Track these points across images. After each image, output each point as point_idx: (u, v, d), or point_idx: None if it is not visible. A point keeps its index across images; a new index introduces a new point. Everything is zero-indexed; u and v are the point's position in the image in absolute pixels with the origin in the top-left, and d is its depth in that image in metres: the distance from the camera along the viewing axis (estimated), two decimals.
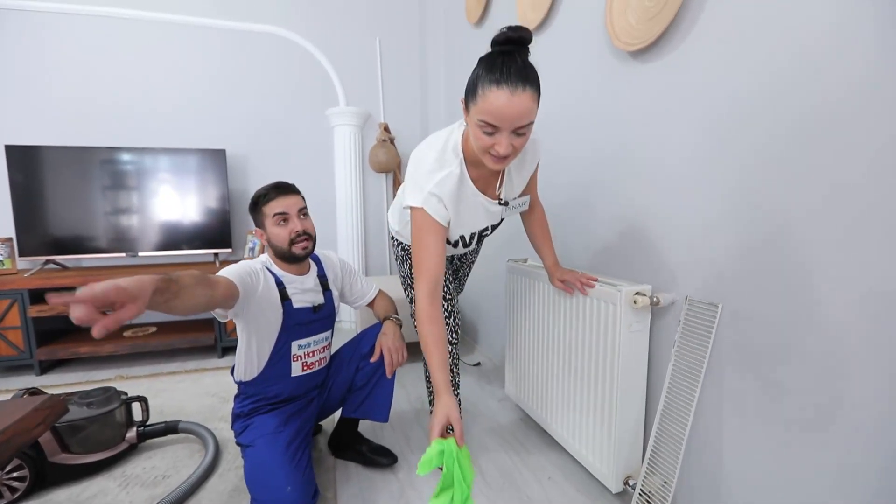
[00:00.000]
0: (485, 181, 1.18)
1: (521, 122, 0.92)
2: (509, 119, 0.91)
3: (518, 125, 0.93)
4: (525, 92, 0.90)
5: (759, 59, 0.92)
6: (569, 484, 1.35)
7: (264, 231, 1.29)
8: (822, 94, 0.81)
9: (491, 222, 1.28)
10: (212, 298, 1.02)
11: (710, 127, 1.03)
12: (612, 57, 1.35)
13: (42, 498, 1.30)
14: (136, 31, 2.58)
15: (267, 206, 1.27)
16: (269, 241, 1.29)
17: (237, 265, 1.21)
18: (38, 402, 1.00)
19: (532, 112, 0.93)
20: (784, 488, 0.92)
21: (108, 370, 2.32)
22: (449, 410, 0.93)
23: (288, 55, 2.86)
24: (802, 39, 0.84)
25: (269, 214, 1.27)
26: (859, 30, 0.75)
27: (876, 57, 0.74)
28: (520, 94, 0.89)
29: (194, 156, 2.54)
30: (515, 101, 0.89)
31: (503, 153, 0.95)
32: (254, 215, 1.31)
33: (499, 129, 0.93)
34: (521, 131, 0.95)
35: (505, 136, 0.94)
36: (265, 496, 1.12)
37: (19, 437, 0.91)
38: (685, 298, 1.11)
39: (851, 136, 0.77)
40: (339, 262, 1.49)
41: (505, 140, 0.94)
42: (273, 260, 1.32)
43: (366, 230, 3.08)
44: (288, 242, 1.26)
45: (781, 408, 0.91)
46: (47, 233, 2.37)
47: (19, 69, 2.43)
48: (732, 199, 0.99)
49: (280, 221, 1.26)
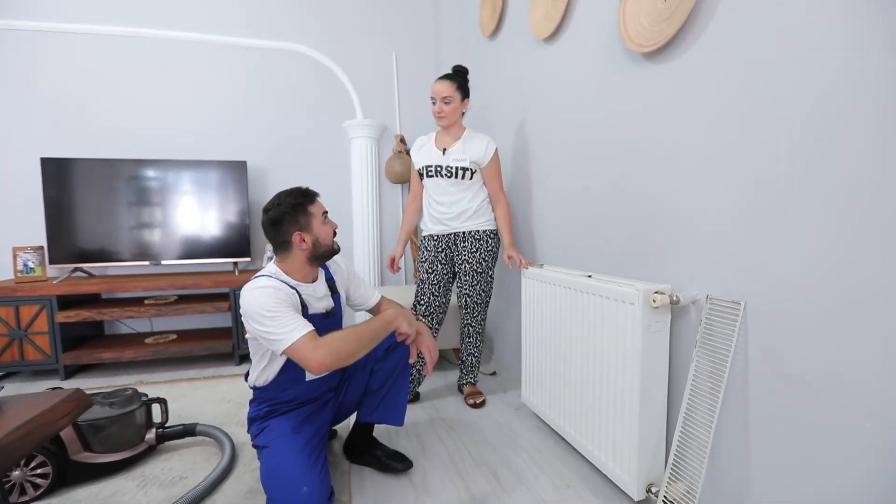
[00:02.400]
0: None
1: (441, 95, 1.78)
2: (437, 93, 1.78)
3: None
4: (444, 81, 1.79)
5: (772, 57, 0.92)
6: (588, 491, 1.31)
7: (309, 233, 1.25)
8: (836, 91, 0.80)
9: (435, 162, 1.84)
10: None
11: (726, 125, 1.03)
12: (625, 59, 1.36)
13: (63, 496, 1.32)
14: (163, 49, 2.71)
15: (314, 205, 1.28)
16: (316, 242, 1.26)
17: (270, 295, 1.15)
18: (65, 395, 1.03)
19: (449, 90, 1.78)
20: (816, 494, 0.87)
21: (129, 376, 2.37)
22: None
23: (308, 71, 2.95)
24: (816, 38, 0.84)
25: (319, 213, 1.28)
26: (873, 29, 0.75)
27: (891, 55, 0.73)
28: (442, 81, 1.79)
29: (216, 167, 2.62)
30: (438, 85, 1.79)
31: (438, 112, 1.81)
32: (295, 219, 1.24)
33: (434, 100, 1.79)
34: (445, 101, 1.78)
35: (438, 104, 1.80)
36: (281, 497, 1.12)
37: (46, 427, 0.93)
38: (706, 297, 1.09)
39: (869, 133, 0.76)
40: (345, 264, 1.50)
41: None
42: (290, 269, 1.28)
43: (381, 240, 3.11)
44: (332, 237, 1.30)
45: (811, 409, 0.88)
46: (76, 242, 2.46)
47: (54, 86, 2.56)
48: (752, 195, 0.98)
49: (325, 220, 1.30)
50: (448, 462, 1.48)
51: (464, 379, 2.01)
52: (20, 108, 2.52)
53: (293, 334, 1.10)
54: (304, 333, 1.11)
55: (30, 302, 2.23)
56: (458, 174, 1.80)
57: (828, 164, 0.83)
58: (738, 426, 1.03)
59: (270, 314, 1.12)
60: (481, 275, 1.86)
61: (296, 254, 1.27)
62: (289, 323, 1.12)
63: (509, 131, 2.17)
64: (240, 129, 2.85)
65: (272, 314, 1.12)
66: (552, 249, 1.86)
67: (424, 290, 1.88)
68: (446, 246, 1.88)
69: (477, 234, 1.85)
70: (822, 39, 0.83)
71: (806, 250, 0.87)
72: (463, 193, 1.83)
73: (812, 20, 0.84)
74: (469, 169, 1.80)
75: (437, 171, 1.82)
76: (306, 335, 1.11)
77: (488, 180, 1.85)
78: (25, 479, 1.28)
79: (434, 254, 1.88)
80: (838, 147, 0.81)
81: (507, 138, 2.17)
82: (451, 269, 1.91)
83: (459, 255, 1.87)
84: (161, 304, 2.45)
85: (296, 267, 1.28)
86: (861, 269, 0.79)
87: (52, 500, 1.30)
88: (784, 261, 0.92)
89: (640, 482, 1.19)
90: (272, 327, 1.11)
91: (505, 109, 2.22)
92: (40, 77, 2.54)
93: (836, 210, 0.82)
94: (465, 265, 1.85)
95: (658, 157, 1.25)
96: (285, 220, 1.24)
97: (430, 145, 1.88)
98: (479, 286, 1.87)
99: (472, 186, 1.84)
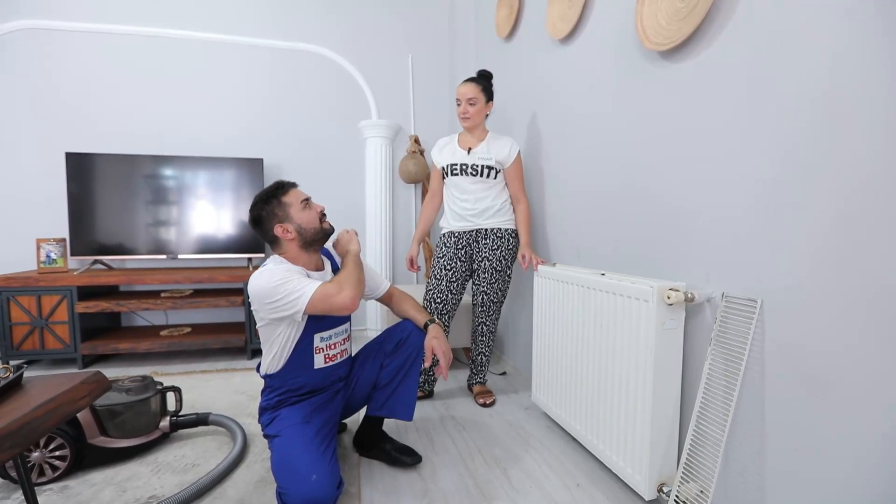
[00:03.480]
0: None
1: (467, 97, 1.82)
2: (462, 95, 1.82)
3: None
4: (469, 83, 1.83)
5: (791, 55, 0.91)
6: (598, 490, 1.30)
7: (290, 222, 1.27)
8: (855, 86, 0.80)
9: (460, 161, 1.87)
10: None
11: (743, 122, 1.02)
12: (642, 58, 1.36)
13: (80, 478, 1.34)
14: (184, 49, 2.78)
15: (287, 195, 1.29)
16: (300, 229, 1.27)
17: (277, 270, 1.20)
18: (85, 377, 1.06)
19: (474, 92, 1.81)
20: (834, 496, 0.86)
21: (145, 367, 2.41)
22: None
23: (325, 71, 3.00)
24: (836, 36, 0.83)
25: (296, 202, 1.29)
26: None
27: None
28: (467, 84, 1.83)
29: (233, 165, 2.67)
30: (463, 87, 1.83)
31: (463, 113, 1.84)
32: (271, 213, 1.27)
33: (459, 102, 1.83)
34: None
35: (463, 105, 1.82)
36: (291, 485, 1.12)
37: (67, 406, 0.96)
38: (722, 294, 1.08)
39: (892, 126, 0.75)
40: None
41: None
42: (291, 259, 1.29)
43: (394, 239, 3.13)
44: (318, 220, 1.31)
45: (830, 411, 0.86)
46: (96, 235, 2.53)
47: (77, 84, 2.64)
48: (769, 192, 0.97)
49: (305, 206, 1.30)
50: (457, 458, 1.48)
51: (474, 378, 2.01)
52: (45, 105, 2.60)
53: (309, 288, 1.18)
54: (318, 285, 1.19)
55: (51, 292, 2.29)
56: (483, 172, 1.83)
57: (848, 158, 0.82)
58: (753, 426, 1.01)
59: (281, 282, 1.17)
60: (500, 273, 1.87)
61: (286, 245, 1.29)
62: (300, 282, 1.19)
63: (524, 131, 2.18)
64: (257, 128, 2.90)
65: (282, 281, 1.18)
66: (566, 249, 1.86)
67: (441, 288, 1.87)
68: (467, 243, 1.89)
69: (499, 232, 1.86)
70: (844, 36, 0.82)
71: (825, 247, 0.86)
72: (487, 191, 1.86)
73: (833, 14, 0.84)
74: (494, 168, 1.83)
75: (463, 170, 1.85)
76: (322, 285, 1.19)
77: (510, 181, 1.88)
78: (44, 461, 1.31)
79: (454, 251, 1.89)
80: (859, 141, 0.80)
81: (522, 138, 2.18)
82: (469, 267, 1.92)
83: (480, 253, 1.87)
84: (176, 297, 2.49)
85: (293, 255, 1.30)
86: (884, 266, 0.78)
87: (70, 481, 1.33)
88: (802, 258, 0.91)
89: (652, 482, 1.17)
90: (286, 292, 1.17)
91: (520, 110, 2.23)
92: (64, 75, 2.62)
93: (856, 205, 0.81)
94: (486, 262, 1.86)
95: (674, 155, 1.24)
96: (262, 217, 1.28)
97: (454, 145, 1.92)
98: (497, 284, 1.87)
99: (497, 185, 1.86)
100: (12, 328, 2.26)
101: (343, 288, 1.20)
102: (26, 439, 0.85)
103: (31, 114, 2.59)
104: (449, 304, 1.88)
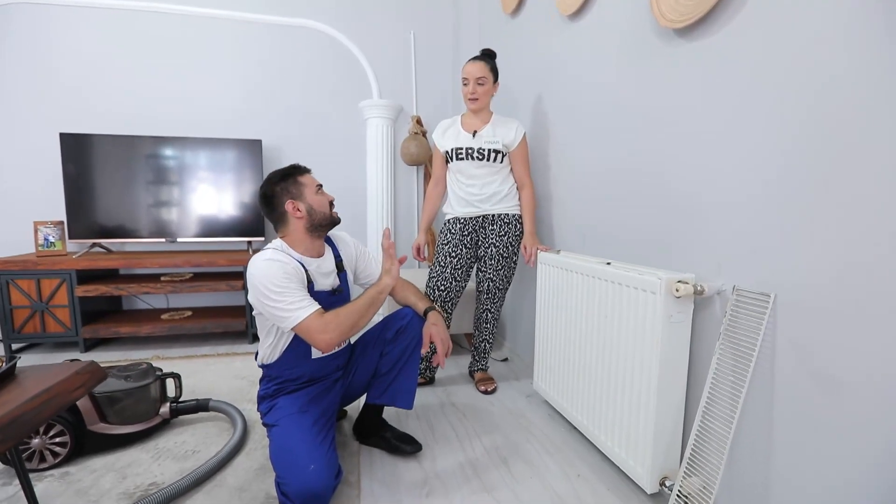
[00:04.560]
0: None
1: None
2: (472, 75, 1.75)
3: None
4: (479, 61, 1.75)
5: (815, 33, 0.85)
6: (599, 482, 1.29)
7: (302, 201, 1.26)
8: (883, 70, 0.74)
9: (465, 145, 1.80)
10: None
11: (762, 106, 0.96)
12: (655, 36, 1.29)
13: (80, 464, 1.35)
14: (180, 25, 2.69)
15: (304, 176, 1.30)
16: (310, 210, 1.26)
17: (277, 269, 1.17)
18: (79, 367, 1.04)
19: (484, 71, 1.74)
20: (842, 497, 0.84)
21: (146, 350, 2.41)
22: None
23: (324, 49, 2.90)
24: (863, 14, 0.77)
25: (311, 185, 1.29)
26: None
27: None
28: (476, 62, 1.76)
29: (232, 146, 2.62)
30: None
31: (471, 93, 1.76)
32: (286, 189, 1.26)
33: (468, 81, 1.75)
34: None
35: (472, 85, 1.75)
36: (288, 475, 1.12)
37: (61, 397, 0.94)
38: (733, 288, 1.04)
39: None
40: (353, 242, 1.48)
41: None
42: (292, 242, 1.28)
43: (396, 222, 3.09)
44: (329, 207, 1.30)
45: (841, 407, 0.83)
46: (94, 218, 2.50)
47: (71, 62, 2.57)
48: (787, 180, 0.92)
49: (319, 191, 1.30)
50: (458, 447, 1.48)
51: (475, 365, 2.00)
52: (39, 84, 2.54)
53: (301, 313, 1.14)
54: (311, 312, 1.14)
55: (50, 275, 2.28)
56: (489, 157, 1.76)
57: (870, 147, 0.76)
58: (760, 422, 0.99)
59: (279, 289, 1.14)
60: (507, 259, 1.83)
61: (294, 224, 1.27)
62: (296, 300, 1.15)
63: (530, 113, 2.10)
64: (255, 108, 2.83)
65: (280, 289, 1.14)
66: (570, 235, 1.81)
67: (446, 275, 1.84)
68: (473, 229, 1.85)
69: (506, 218, 1.82)
70: (875, 15, 0.76)
71: (844, 240, 0.82)
72: (494, 176, 1.80)
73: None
74: (501, 152, 1.77)
75: (469, 154, 1.78)
76: (314, 314, 1.15)
77: (515, 164, 1.82)
78: (45, 447, 1.31)
79: (459, 237, 1.84)
80: (882, 128, 0.75)
81: (528, 120, 2.10)
82: (474, 254, 1.88)
83: (486, 239, 1.83)
84: (176, 280, 2.48)
85: (297, 238, 1.28)
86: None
87: (71, 467, 1.33)
88: (820, 251, 0.86)
89: (654, 475, 1.16)
90: (280, 304, 1.14)
91: (526, 90, 2.15)
92: (57, 53, 2.55)
93: (877, 197, 0.76)
94: (492, 249, 1.82)
95: (686, 139, 1.18)
96: (276, 193, 1.27)
97: (457, 128, 1.84)
98: (503, 271, 1.84)
99: (503, 170, 1.81)
100: (13, 311, 2.26)
101: (329, 330, 1.14)
102: (18, 432, 0.84)
103: (23, 93, 2.52)
104: (453, 292, 1.85)
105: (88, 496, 1.21)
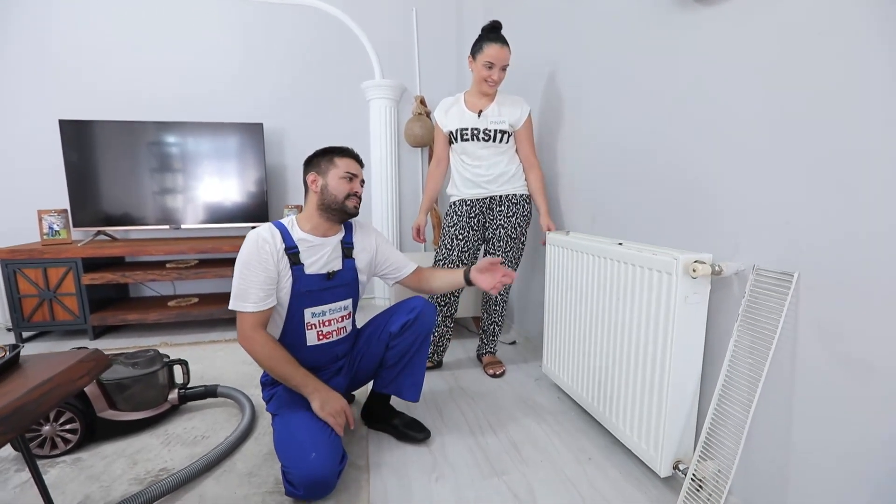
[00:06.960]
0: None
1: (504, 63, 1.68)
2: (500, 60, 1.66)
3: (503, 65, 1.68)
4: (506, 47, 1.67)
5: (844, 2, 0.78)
6: (611, 465, 1.27)
7: (324, 178, 1.27)
8: None
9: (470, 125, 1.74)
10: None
11: (786, 77, 0.90)
12: (671, 2, 1.22)
13: (91, 450, 1.35)
14: (179, 6, 2.61)
15: (342, 159, 1.29)
16: (325, 190, 1.26)
17: (252, 250, 1.19)
18: (83, 356, 1.02)
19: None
20: (865, 484, 0.81)
21: (154, 337, 2.42)
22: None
23: (325, 29, 2.82)
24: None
25: (342, 168, 1.28)
26: None
27: None
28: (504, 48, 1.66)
29: (233, 130, 2.57)
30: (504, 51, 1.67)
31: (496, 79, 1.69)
32: (317, 161, 1.29)
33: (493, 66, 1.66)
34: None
35: (496, 71, 1.67)
36: (291, 462, 1.11)
37: (65, 386, 0.93)
38: (752, 267, 0.99)
39: None
40: (376, 232, 1.45)
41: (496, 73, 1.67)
42: (303, 217, 1.29)
43: (400, 205, 3.05)
44: (344, 196, 1.27)
45: (870, 392, 0.80)
46: (98, 205, 2.48)
47: (69, 47, 2.52)
48: (810, 153, 0.86)
49: (348, 178, 1.28)
50: (467, 431, 1.46)
51: (483, 348, 1.98)
52: (37, 69, 2.49)
53: (248, 305, 1.18)
54: (253, 311, 1.18)
55: (57, 264, 2.27)
56: (496, 137, 1.72)
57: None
58: (780, 407, 0.96)
59: (240, 271, 1.19)
60: (515, 240, 1.79)
61: (310, 198, 1.30)
62: (253, 289, 1.18)
63: (537, 89, 2.03)
64: (255, 91, 2.77)
65: (241, 273, 1.19)
66: (580, 216, 1.76)
67: (453, 258, 1.80)
68: (480, 211, 1.81)
69: (514, 198, 1.77)
70: None
71: (876, 214, 0.77)
72: (500, 157, 1.75)
73: None
74: (507, 132, 1.73)
75: (474, 135, 1.73)
76: (255, 315, 1.19)
77: (521, 143, 1.78)
78: (56, 434, 1.32)
79: (466, 219, 1.80)
80: None
81: (536, 97, 2.03)
82: (481, 236, 1.84)
83: (494, 220, 1.79)
84: (182, 267, 2.47)
85: (308, 214, 1.29)
86: None
87: (83, 454, 1.34)
88: (849, 227, 0.81)
89: (668, 459, 1.14)
90: (236, 282, 1.20)
91: (534, 65, 2.07)
92: (55, 37, 2.49)
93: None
94: (500, 230, 1.78)
95: (703, 112, 1.12)
96: (310, 161, 1.31)
97: (460, 107, 1.78)
98: (511, 252, 1.80)
99: (509, 150, 1.76)
100: (21, 300, 2.27)
101: (250, 342, 1.19)
102: (21, 423, 0.82)
103: (20, 79, 2.48)
104: None
105: (100, 481, 1.21)
